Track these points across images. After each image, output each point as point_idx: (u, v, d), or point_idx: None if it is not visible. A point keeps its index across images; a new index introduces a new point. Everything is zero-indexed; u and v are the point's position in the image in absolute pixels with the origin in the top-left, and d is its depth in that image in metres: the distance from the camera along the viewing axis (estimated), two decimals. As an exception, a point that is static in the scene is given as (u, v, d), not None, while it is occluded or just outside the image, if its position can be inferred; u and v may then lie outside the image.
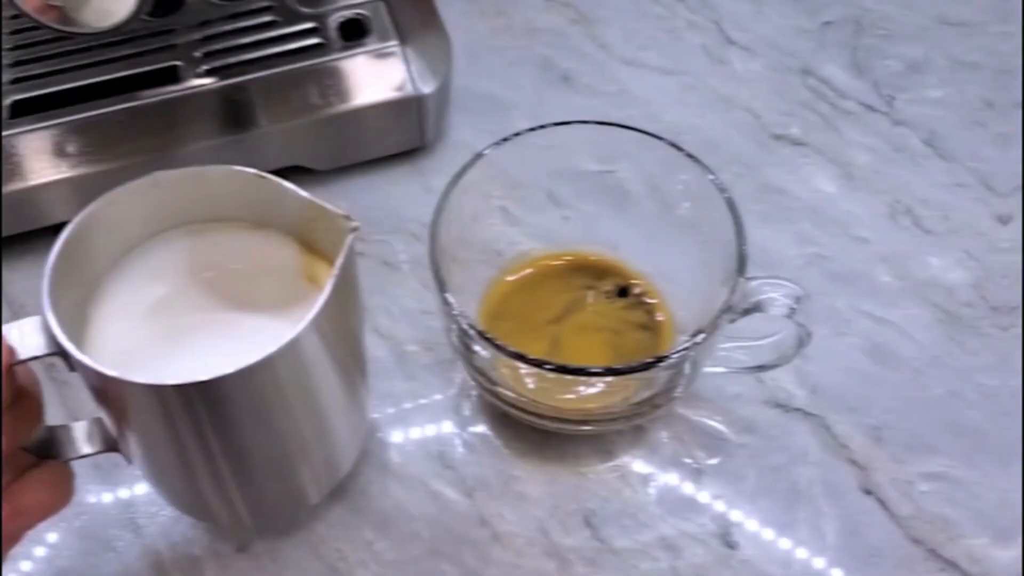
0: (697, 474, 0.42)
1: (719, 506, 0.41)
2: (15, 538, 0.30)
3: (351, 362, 0.35)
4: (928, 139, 0.53)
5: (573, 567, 0.39)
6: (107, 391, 0.29)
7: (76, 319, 0.31)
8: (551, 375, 0.34)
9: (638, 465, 0.42)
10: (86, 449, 0.33)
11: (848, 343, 0.45)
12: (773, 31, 0.58)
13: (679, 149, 0.40)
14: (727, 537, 0.40)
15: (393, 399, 0.44)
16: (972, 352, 0.45)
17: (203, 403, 0.29)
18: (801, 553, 0.39)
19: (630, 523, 0.40)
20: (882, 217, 0.50)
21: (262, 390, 0.30)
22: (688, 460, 0.42)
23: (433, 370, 0.45)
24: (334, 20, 0.49)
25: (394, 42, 0.48)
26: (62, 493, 0.31)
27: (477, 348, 0.37)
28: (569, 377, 0.34)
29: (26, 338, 0.28)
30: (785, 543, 0.40)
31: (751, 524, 0.40)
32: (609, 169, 0.44)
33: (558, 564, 0.39)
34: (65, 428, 0.33)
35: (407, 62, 0.48)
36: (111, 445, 0.33)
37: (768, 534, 0.40)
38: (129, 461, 0.34)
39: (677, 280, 0.44)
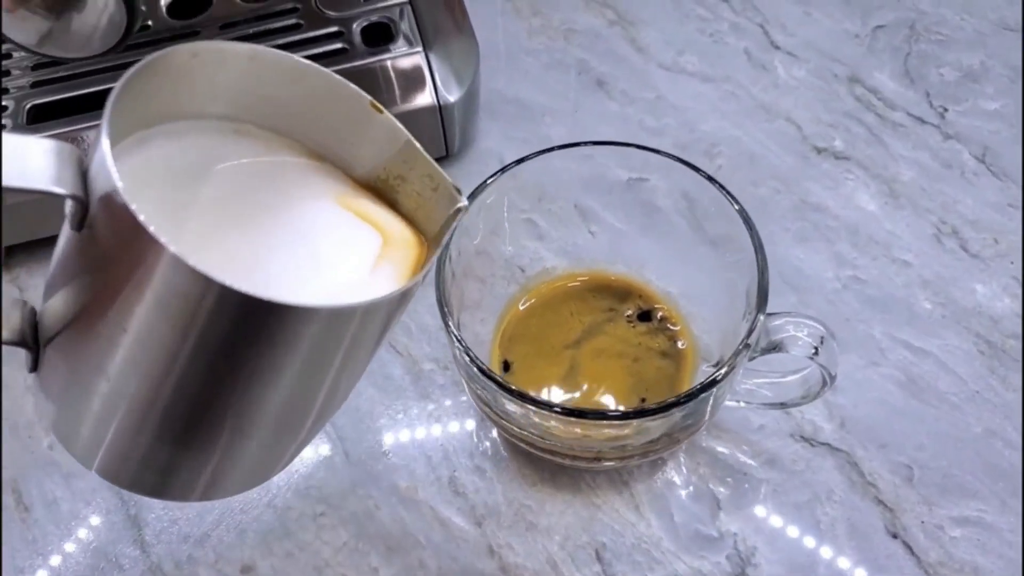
0: (715, 509, 0.41)
1: (736, 544, 0.40)
2: None
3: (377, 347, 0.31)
4: (981, 155, 0.51)
5: (581, 603, 0.39)
6: (141, 276, 0.23)
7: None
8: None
9: (654, 497, 0.41)
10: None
11: (882, 374, 0.44)
12: (821, 35, 0.56)
13: (709, 178, 0.38)
14: (743, 578, 0.39)
15: (406, 418, 0.43)
16: (1015, 388, 0.43)
17: (268, 329, 0.24)
18: (820, 598, 0.39)
19: (642, 559, 0.40)
20: (926, 238, 0.48)
21: (334, 335, 0.25)
22: (706, 494, 0.41)
23: (448, 390, 0.44)
24: (359, 24, 0.48)
25: (418, 48, 0.47)
26: None
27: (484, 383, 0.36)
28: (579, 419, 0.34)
29: (29, 162, 0.22)
30: (803, 587, 0.39)
31: (768, 565, 0.39)
32: (641, 177, 0.43)
33: (566, 599, 0.39)
34: None
35: (431, 69, 0.47)
36: (27, 340, 0.27)
37: (786, 576, 0.39)
38: (32, 369, 0.27)
39: (702, 305, 0.43)
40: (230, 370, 0.25)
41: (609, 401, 0.41)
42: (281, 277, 0.27)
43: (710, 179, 0.38)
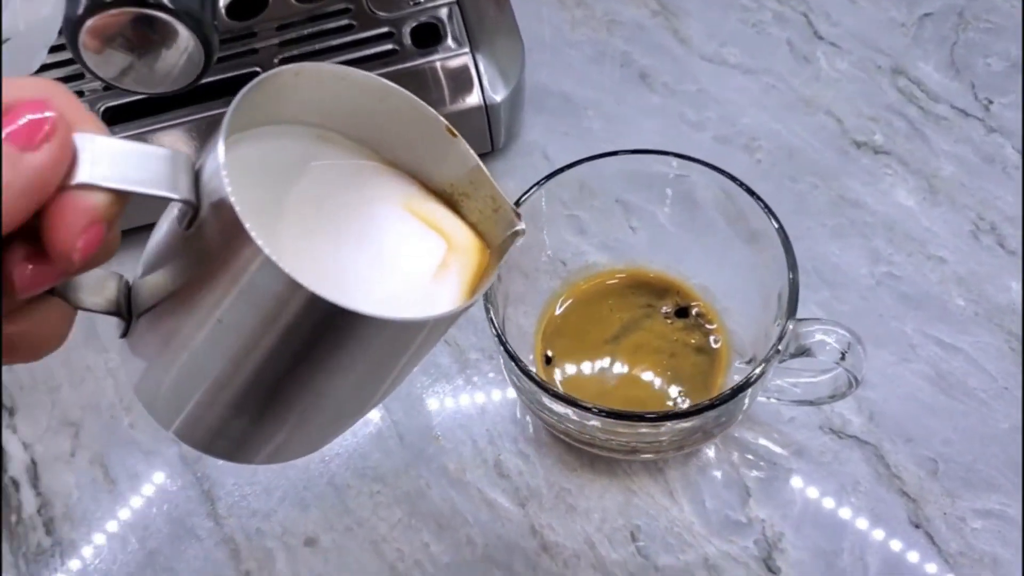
0: (745, 496, 0.44)
1: (764, 530, 0.43)
2: None
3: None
4: None
5: (616, 582, 0.42)
6: (237, 273, 0.25)
7: None
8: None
9: (687, 484, 0.44)
10: (95, 301, 0.29)
11: (912, 370, 0.46)
12: (865, 24, 0.57)
13: (743, 186, 0.40)
14: (769, 562, 0.42)
15: (454, 405, 0.47)
16: (1043, 385, 0.45)
17: (344, 332, 0.26)
18: (842, 583, 0.41)
19: (674, 541, 0.43)
20: (963, 235, 0.49)
21: (402, 341, 0.28)
22: (737, 482, 0.44)
23: (493, 379, 0.47)
24: (408, 25, 0.51)
25: (465, 49, 0.50)
26: (58, 335, 0.28)
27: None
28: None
29: (149, 169, 0.25)
30: (827, 572, 0.41)
31: (794, 550, 0.42)
32: (681, 174, 0.45)
33: (602, 578, 0.42)
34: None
35: (478, 70, 0.49)
36: (121, 311, 0.29)
37: (811, 561, 0.42)
38: (123, 335, 0.29)
39: (737, 301, 0.45)
40: (306, 363, 0.27)
41: (645, 395, 0.43)
42: (351, 278, 0.29)
43: (749, 191, 0.40)
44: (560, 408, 0.38)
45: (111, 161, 0.24)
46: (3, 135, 0.23)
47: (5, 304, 0.26)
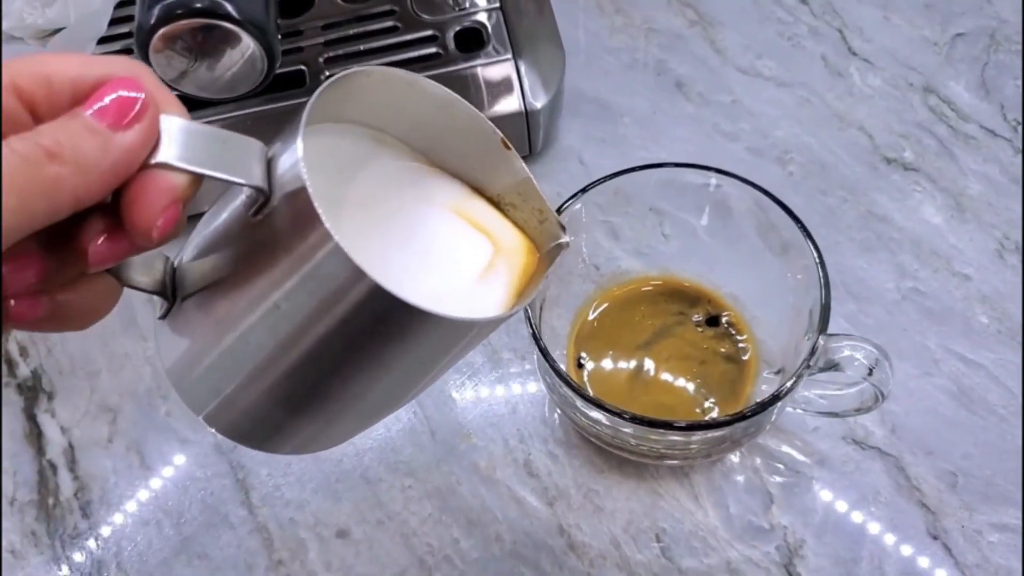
0: (768, 503, 0.45)
1: (786, 536, 0.44)
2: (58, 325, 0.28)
3: None
4: (1051, 171, 0.53)
5: (640, 582, 0.43)
6: (303, 261, 0.26)
7: None
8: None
9: (712, 489, 0.45)
10: (142, 280, 0.29)
11: (935, 384, 0.47)
12: (899, 42, 0.58)
13: (780, 204, 0.41)
14: (790, 567, 0.43)
15: (485, 403, 0.48)
16: (1063, 404, 0.46)
17: (402, 325, 0.27)
18: (861, 591, 0.42)
19: (698, 545, 0.44)
20: (988, 253, 0.50)
21: (453, 339, 0.29)
22: (760, 489, 0.45)
23: (524, 379, 0.48)
24: (452, 29, 0.52)
25: (508, 55, 0.51)
26: (105, 307, 0.29)
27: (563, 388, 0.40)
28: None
29: (225, 155, 0.25)
30: (846, 580, 0.43)
31: (814, 557, 0.43)
32: (715, 183, 0.46)
33: (627, 578, 0.43)
34: None
35: (520, 75, 0.51)
36: (166, 291, 0.30)
37: (830, 568, 0.43)
38: (163, 316, 0.30)
39: (767, 311, 0.46)
40: (355, 354, 0.28)
41: (674, 401, 0.44)
42: (401, 274, 0.30)
43: (787, 210, 0.41)
44: (593, 412, 0.40)
45: (193, 144, 0.25)
46: (93, 111, 0.23)
47: (66, 275, 0.26)
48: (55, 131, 0.23)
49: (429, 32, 0.52)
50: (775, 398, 0.38)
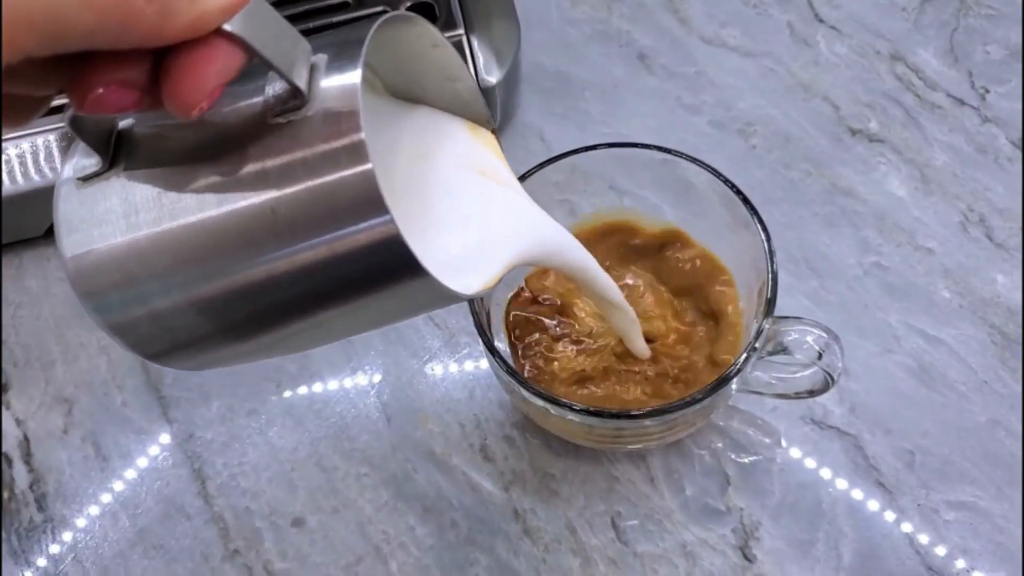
0: (725, 485, 0.46)
1: (742, 518, 0.45)
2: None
3: None
4: (1018, 139, 0.53)
5: (595, 566, 0.44)
6: (323, 175, 0.25)
7: None
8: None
9: (668, 472, 0.46)
10: (89, 126, 0.27)
11: (895, 361, 0.48)
12: (867, 8, 0.58)
13: (726, 181, 0.42)
14: (745, 550, 0.44)
15: (442, 388, 0.49)
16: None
17: (388, 272, 0.26)
18: (815, 572, 0.44)
19: (654, 528, 0.45)
20: (952, 226, 0.51)
21: (431, 304, 0.30)
22: (717, 471, 0.46)
23: (482, 363, 0.49)
24: (404, 4, 0.52)
25: (460, 30, 0.51)
26: (16, 124, 0.27)
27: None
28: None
29: (279, 40, 0.24)
30: (801, 561, 0.44)
31: (770, 539, 0.44)
32: (674, 159, 0.46)
33: (582, 562, 0.44)
34: None
35: (472, 51, 0.51)
36: (106, 150, 0.27)
37: (786, 550, 0.44)
38: (84, 178, 0.27)
39: (740, 284, 0.46)
40: (336, 286, 0.26)
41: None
42: (422, 233, 0.30)
43: (736, 190, 0.42)
44: (539, 402, 0.40)
45: (261, 24, 0.24)
46: None
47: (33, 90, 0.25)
48: None
49: (380, 8, 0.52)
50: (721, 381, 0.39)
